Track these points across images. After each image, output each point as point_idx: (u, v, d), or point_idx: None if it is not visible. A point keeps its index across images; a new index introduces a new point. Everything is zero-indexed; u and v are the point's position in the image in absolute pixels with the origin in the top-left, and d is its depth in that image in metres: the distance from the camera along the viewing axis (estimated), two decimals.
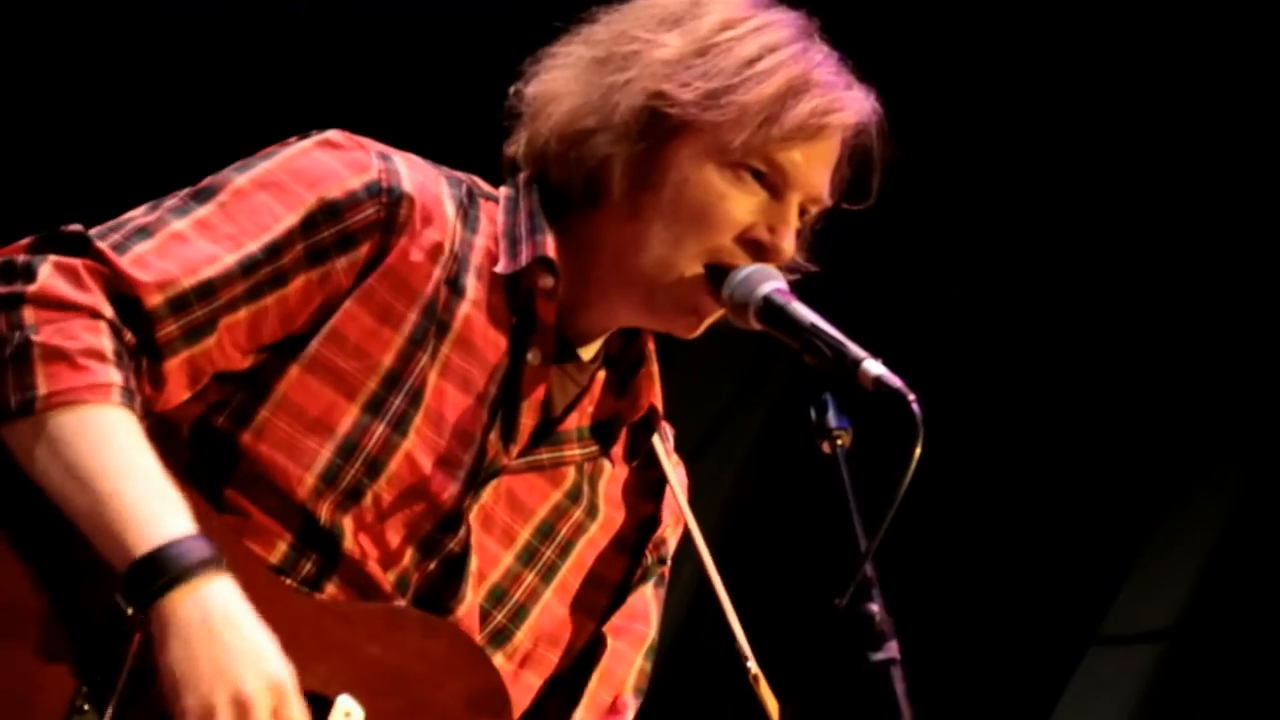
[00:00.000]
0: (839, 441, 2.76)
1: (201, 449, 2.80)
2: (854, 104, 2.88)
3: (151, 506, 2.62)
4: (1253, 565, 6.36)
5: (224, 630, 2.60)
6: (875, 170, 2.93)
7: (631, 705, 3.06)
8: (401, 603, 2.84)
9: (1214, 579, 6.46)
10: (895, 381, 2.68)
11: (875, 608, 2.65)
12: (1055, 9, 5.61)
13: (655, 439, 3.04)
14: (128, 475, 2.63)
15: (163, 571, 2.59)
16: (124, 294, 2.71)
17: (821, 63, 2.88)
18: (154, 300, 2.72)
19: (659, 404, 3.03)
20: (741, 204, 2.86)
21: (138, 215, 2.79)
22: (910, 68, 5.14)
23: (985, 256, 6.12)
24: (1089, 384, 6.27)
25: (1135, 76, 5.71)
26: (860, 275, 5.45)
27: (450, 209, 2.88)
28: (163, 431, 2.78)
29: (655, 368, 3.02)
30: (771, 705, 2.93)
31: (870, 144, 2.92)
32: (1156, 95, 5.72)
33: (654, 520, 3.06)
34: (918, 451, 2.62)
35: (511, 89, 2.95)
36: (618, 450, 3.02)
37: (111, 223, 2.77)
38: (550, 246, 2.88)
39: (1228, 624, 6.42)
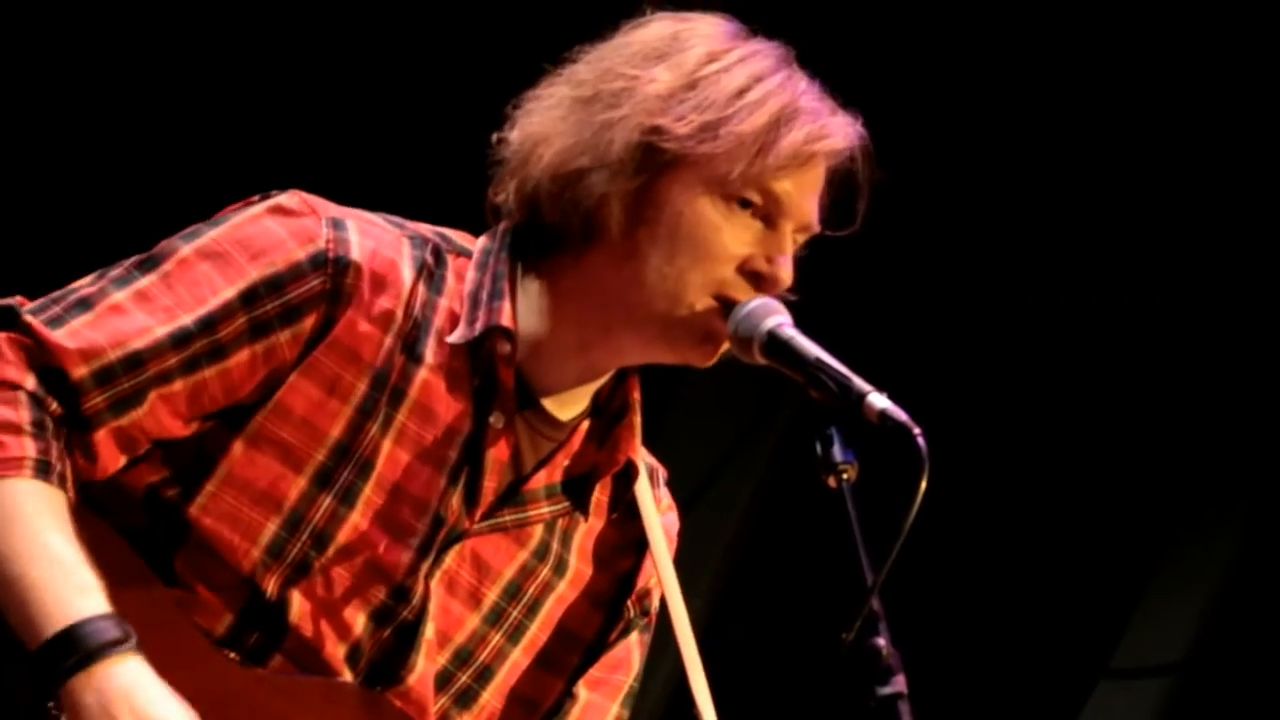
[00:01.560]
0: (845, 476, 2.74)
1: (152, 518, 2.79)
2: (841, 130, 2.88)
3: (59, 588, 2.60)
4: (1262, 598, 6.35)
5: (125, 717, 2.57)
6: (861, 195, 2.93)
7: None
8: (348, 675, 2.83)
9: (1223, 612, 6.45)
10: (901, 415, 2.67)
11: (882, 642, 2.64)
12: (1042, 13, 5.62)
13: (639, 490, 3.01)
14: (37, 555, 2.61)
15: (68, 654, 2.57)
16: (49, 365, 2.70)
17: (806, 90, 2.88)
18: (79, 372, 2.71)
19: (637, 457, 2.99)
20: (737, 236, 2.86)
21: (83, 285, 2.78)
22: (887, 79, 5.16)
23: (984, 297, 6.12)
24: (1096, 418, 6.26)
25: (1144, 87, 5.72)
26: (862, 303, 5.46)
27: (408, 273, 2.85)
28: (117, 498, 2.78)
29: (638, 419, 2.99)
30: None
31: (854, 168, 2.91)
32: (1172, 113, 5.73)
33: (634, 575, 3.03)
34: (923, 485, 2.61)
35: (494, 136, 2.93)
36: (599, 500, 2.99)
37: (56, 294, 2.77)
38: (506, 315, 2.85)
39: (1237, 657, 6.40)
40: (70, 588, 2.60)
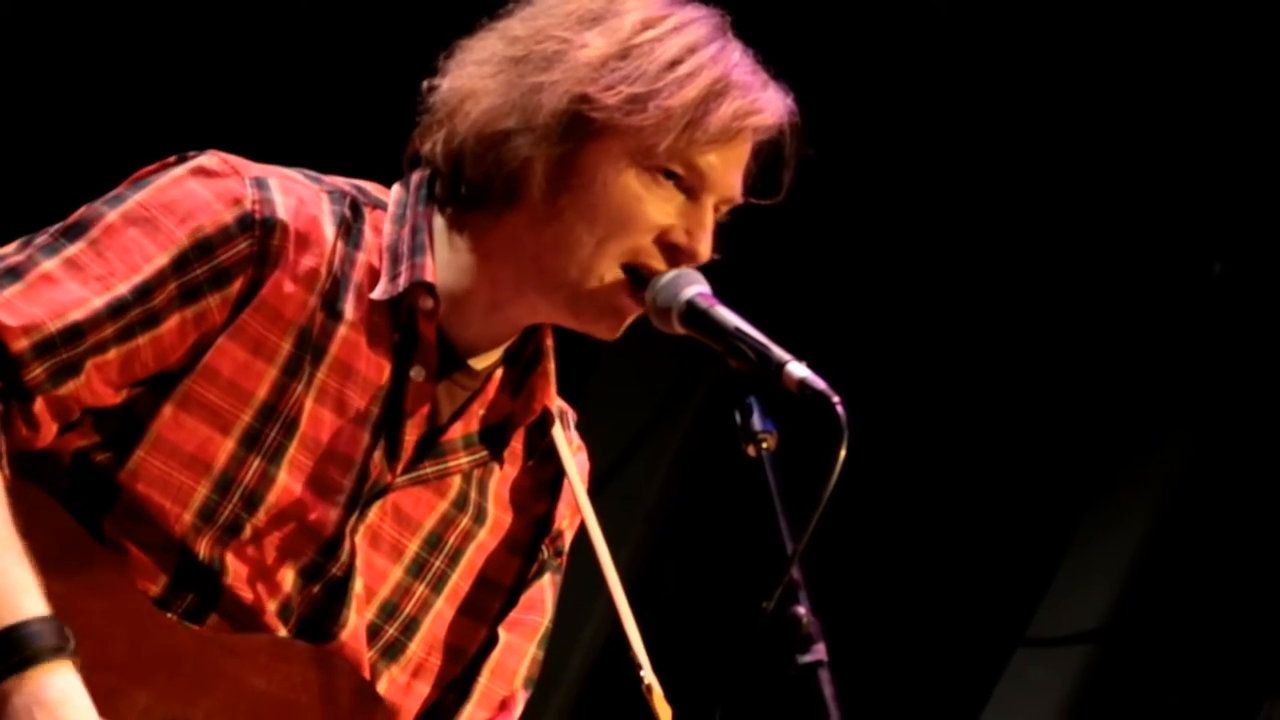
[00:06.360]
0: (764, 445, 2.76)
1: (81, 483, 2.78)
2: (771, 105, 2.89)
3: (3, 586, 2.58)
4: (1179, 565, 6.40)
5: None
6: (788, 167, 2.93)
7: (521, 698, 3.06)
8: (283, 630, 2.83)
9: (1140, 579, 6.49)
10: (819, 384, 2.68)
11: (802, 610, 2.65)
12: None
13: (555, 435, 3.03)
14: None
15: (7, 654, 2.56)
16: None
17: (739, 62, 2.88)
18: (19, 345, 2.70)
19: (553, 405, 3.01)
20: (659, 207, 2.86)
21: (8, 254, 2.77)
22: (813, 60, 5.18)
23: (901, 269, 6.14)
24: (1012, 384, 6.30)
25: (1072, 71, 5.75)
26: (775, 264, 5.47)
27: (329, 229, 2.86)
28: (42, 464, 2.76)
29: (552, 365, 3.00)
30: (665, 716, 2.92)
31: (782, 140, 2.92)
32: (1076, 80, 5.76)
33: (549, 518, 3.05)
34: (842, 453, 2.62)
35: (425, 83, 2.93)
36: (515, 447, 3.01)
37: None
38: (429, 270, 2.86)
39: (1155, 624, 6.45)
40: (11, 585, 2.59)
